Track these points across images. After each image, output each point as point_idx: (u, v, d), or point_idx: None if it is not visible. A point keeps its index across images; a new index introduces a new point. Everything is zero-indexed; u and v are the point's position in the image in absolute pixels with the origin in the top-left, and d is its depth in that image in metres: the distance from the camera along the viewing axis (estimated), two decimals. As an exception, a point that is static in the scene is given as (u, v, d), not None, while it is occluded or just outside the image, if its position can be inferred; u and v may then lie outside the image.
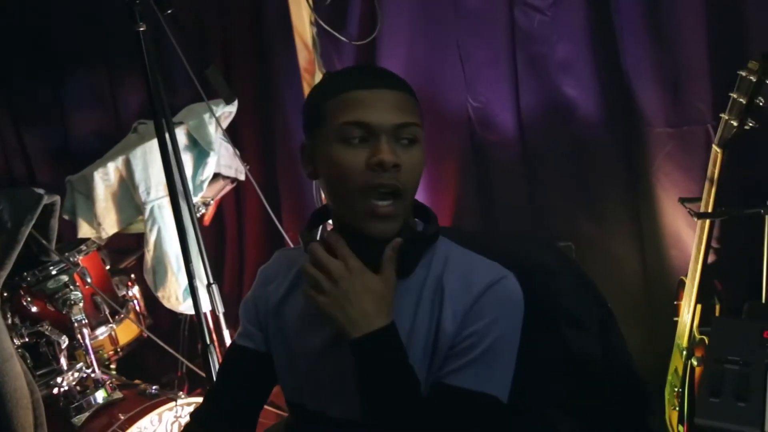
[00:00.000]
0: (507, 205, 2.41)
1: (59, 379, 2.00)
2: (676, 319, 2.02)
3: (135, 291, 2.44)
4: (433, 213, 1.22)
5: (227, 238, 3.07)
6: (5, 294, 1.94)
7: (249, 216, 3.01)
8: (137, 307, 2.45)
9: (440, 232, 1.20)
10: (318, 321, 1.14)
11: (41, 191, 1.84)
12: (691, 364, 1.94)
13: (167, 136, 1.73)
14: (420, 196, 2.76)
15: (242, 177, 2.60)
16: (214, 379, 1.58)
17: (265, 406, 1.27)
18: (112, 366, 2.33)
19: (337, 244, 1.08)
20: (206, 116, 2.30)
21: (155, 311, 2.55)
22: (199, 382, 2.60)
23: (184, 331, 2.68)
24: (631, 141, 2.23)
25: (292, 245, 2.58)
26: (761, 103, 1.71)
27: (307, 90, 2.53)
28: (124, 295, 2.39)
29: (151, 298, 2.34)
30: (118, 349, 2.30)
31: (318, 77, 2.35)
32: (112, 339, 2.28)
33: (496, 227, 2.42)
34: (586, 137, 2.25)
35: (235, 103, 2.43)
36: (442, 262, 1.15)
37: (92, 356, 2.04)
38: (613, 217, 2.29)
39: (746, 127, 1.74)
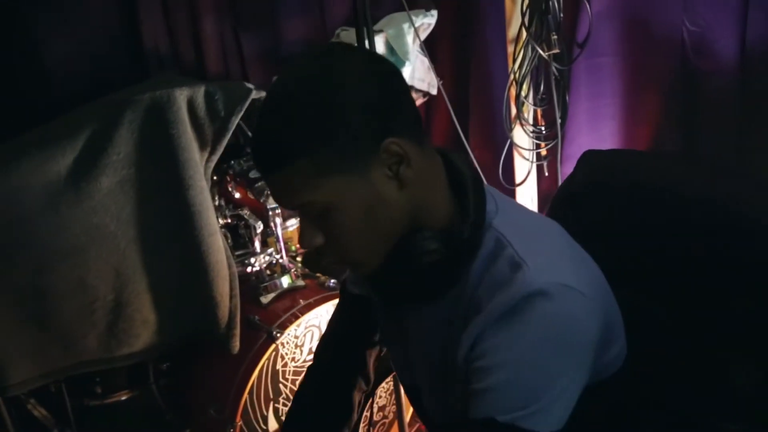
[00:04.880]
0: (712, 140, 2.20)
1: (252, 260, 2.19)
2: None
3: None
4: (477, 202, 0.96)
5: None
6: (215, 178, 2.12)
7: (436, 131, 3.03)
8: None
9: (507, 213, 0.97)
10: None
11: (251, 86, 1.97)
12: None
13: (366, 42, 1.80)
14: (614, 123, 2.58)
15: (434, 91, 2.60)
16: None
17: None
18: (298, 258, 2.51)
19: None
20: (405, 26, 2.31)
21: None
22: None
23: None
24: None
25: (476, 163, 2.57)
26: None
27: (509, 4, 2.44)
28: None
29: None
30: (305, 243, 2.46)
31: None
32: (301, 233, 2.44)
33: (696, 164, 2.22)
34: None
35: (434, 13, 2.42)
36: (483, 264, 0.93)
37: (282, 244, 2.21)
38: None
39: None
